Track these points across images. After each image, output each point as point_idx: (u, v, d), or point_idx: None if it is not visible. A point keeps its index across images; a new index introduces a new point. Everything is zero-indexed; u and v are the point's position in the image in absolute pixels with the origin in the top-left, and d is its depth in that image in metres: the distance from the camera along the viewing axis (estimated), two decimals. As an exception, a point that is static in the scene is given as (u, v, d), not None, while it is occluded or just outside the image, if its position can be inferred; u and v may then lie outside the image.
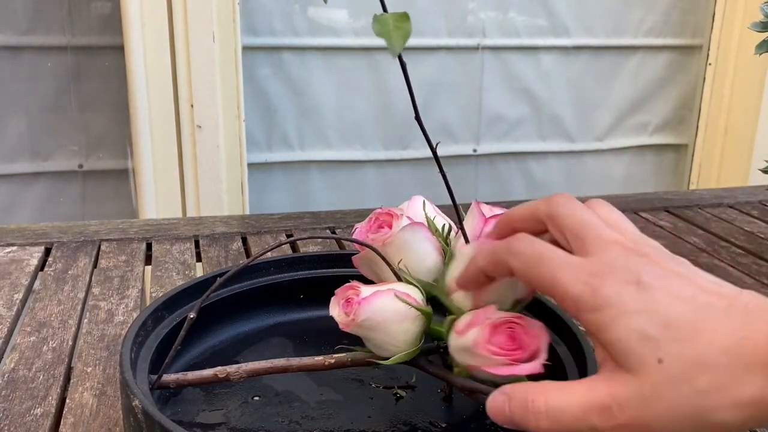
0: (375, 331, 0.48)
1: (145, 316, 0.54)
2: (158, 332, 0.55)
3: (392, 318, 0.48)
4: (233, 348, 0.61)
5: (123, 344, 0.51)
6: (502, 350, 0.45)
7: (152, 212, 1.51)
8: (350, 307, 0.48)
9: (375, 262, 0.53)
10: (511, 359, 0.44)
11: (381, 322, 0.48)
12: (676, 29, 1.93)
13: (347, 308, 0.48)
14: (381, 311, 0.48)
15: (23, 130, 1.53)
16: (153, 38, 1.42)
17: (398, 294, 0.49)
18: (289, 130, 1.71)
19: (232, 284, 0.62)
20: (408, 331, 0.49)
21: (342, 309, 0.49)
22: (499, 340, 0.45)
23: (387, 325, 0.48)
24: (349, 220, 1.00)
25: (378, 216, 0.53)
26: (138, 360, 0.52)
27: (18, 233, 0.91)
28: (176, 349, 0.50)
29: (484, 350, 0.45)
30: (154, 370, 0.51)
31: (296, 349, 0.62)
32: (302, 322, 0.65)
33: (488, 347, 0.45)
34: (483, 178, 1.88)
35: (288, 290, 0.65)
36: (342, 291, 0.50)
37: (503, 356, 0.44)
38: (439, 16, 1.74)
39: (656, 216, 1.05)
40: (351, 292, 0.49)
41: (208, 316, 0.59)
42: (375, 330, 0.48)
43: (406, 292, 0.49)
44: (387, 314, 0.48)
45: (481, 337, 0.45)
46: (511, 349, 0.45)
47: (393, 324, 0.48)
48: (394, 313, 0.48)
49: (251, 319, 0.64)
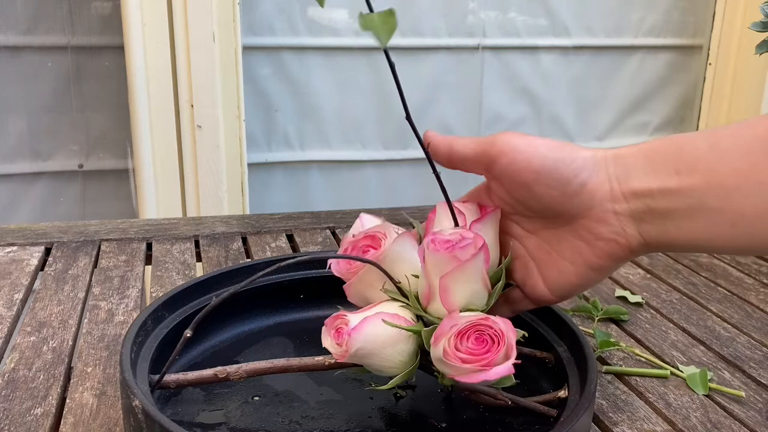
0: (370, 357, 0.48)
1: (145, 316, 0.54)
2: (158, 332, 0.55)
3: (385, 342, 0.48)
4: (233, 348, 0.61)
5: (123, 344, 0.51)
6: (472, 356, 0.45)
7: (152, 212, 1.51)
8: (341, 337, 0.48)
9: (369, 285, 0.52)
10: (481, 365, 0.44)
11: (374, 349, 0.48)
12: (677, 29, 1.93)
13: (338, 339, 0.48)
14: (372, 338, 0.48)
15: (23, 130, 1.53)
16: (153, 38, 1.42)
17: (385, 318, 0.48)
18: (289, 130, 1.71)
19: (233, 285, 0.62)
20: (403, 352, 0.49)
21: (333, 340, 0.48)
22: (467, 346, 0.45)
23: (381, 350, 0.48)
24: (349, 220, 1.00)
25: (355, 244, 0.53)
26: (138, 360, 0.52)
27: (18, 233, 0.91)
28: (173, 359, 0.50)
29: (454, 359, 0.45)
30: (154, 370, 0.51)
31: (296, 349, 0.62)
32: (302, 322, 0.65)
33: (457, 355, 0.45)
34: (483, 178, 1.88)
35: (288, 290, 0.65)
36: (331, 321, 0.49)
37: (473, 363, 0.44)
38: (439, 16, 1.73)
39: (656, 216, 1.05)
40: (339, 321, 0.49)
41: (208, 316, 0.59)
42: (370, 356, 0.48)
43: (395, 312, 0.49)
44: (379, 340, 0.48)
45: (449, 346, 0.46)
46: (481, 353, 0.45)
47: (387, 347, 0.48)
48: (386, 337, 0.48)
49: (251, 319, 0.64)
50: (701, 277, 0.86)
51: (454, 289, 0.48)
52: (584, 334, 0.55)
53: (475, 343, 0.45)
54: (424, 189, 1.80)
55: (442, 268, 0.47)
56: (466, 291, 0.48)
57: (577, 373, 0.53)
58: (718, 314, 0.77)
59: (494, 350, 0.45)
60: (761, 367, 0.66)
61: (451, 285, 0.48)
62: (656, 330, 0.72)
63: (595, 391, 0.49)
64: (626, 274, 0.86)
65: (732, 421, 0.57)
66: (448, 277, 0.47)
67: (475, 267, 0.48)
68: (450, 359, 0.45)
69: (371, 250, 0.52)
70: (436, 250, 0.48)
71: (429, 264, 0.48)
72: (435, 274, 0.48)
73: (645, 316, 0.76)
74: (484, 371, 0.44)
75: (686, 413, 0.58)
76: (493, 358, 0.45)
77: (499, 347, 0.45)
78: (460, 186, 0.57)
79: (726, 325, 0.74)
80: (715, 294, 0.82)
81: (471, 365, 0.45)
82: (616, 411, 0.58)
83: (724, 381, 0.64)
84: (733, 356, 0.68)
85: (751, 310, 0.78)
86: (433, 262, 0.48)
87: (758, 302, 0.80)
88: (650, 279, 0.85)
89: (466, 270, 0.48)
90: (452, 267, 0.47)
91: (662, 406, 0.59)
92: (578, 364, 0.54)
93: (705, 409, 0.59)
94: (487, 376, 0.44)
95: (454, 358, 0.45)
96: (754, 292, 0.83)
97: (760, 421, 0.58)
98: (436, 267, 0.48)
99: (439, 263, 0.48)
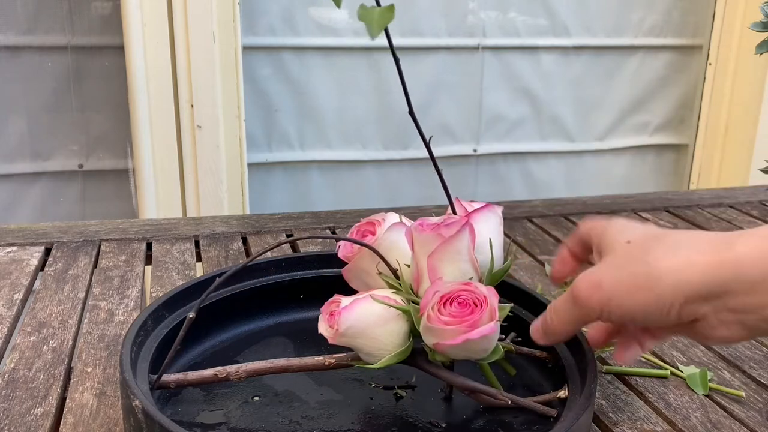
0: (361, 337, 0.49)
1: (145, 316, 0.54)
2: (158, 332, 0.55)
3: (375, 322, 0.49)
4: (233, 348, 0.61)
5: (123, 344, 0.51)
6: (455, 318, 0.46)
7: (152, 212, 1.51)
8: (334, 319, 0.49)
9: (365, 271, 0.53)
10: (465, 326, 0.45)
11: (365, 328, 0.49)
12: (677, 29, 1.93)
13: (331, 321, 0.49)
14: (363, 317, 0.48)
15: (23, 130, 1.53)
16: (153, 38, 1.42)
17: (375, 296, 0.49)
18: (289, 130, 1.71)
19: (233, 284, 0.62)
20: (393, 332, 0.49)
21: (327, 323, 0.50)
22: (450, 309, 0.46)
23: (371, 330, 0.49)
24: (349, 220, 1.00)
25: (358, 228, 0.55)
26: (138, 360, 0.52)
27: (18, 233, 0.91)
28: (176, 349, 0.50)
29: (437, 323, 0.46)
30: (154, 370, 0.51)
31: (296, 349, 0.62)
32: (302, 322, 0.65)
33: (441, 319, 0.46)
34: (483, 178, 1.88)
35: (288, 290, 0.65)
36: (326, 307, 0.51)
37: (456, 325, 0.45)
38: (440, 16, 1.74)
39: (656, 216, 1.05)
40: (333, 305, 0.50)
41: (208, 316, 0.59)
42: (361, 336, 0.49)
43: (386, 294, 0.50)
44: (369, 319, 0.49)
45: (433, 311, 0.47)
46: (465, 315, 0.46)
47: (377, 327, 0.49)
48: (377, 317, 0.49)
49: (251, 319, 0.64)
50: (701, 277, 0.86)
51: (442, 268, 0.49)
52: (584, 334, 0.55)
53: (459, 307, 0.46)
54: (424, 189, 1.80)
55: (429, 248, 0.49)
56: (455, 270, 0.49)
57: (577, 374, 0.53)
58: (718, 314, 0.77)
59: (477, 312, 0.46)
60: (761, 367, 0.66)
61: (438, 264, 0.49)
62: (656, 330, 0.72)
63: (595, 390, 0.49)
64: (626, 274, 0.86)
65: (732, 421, 0.57)
66: (434, 256, 0.49)
67: (461, 243, 0.49)
68: (434, 323, 0.46)
69: (369, 235, 0.54)
70: (422, 230, 0.49)
71: (417, 246, 0.50)
72: (422, 254, 0.49)
73: (645, 316, 0.76)
74: (467, 332, 0.45)
75: (686, 413, 0.58)
76: (477, 320, 0.46)
77: (482, 310, 0.46)
78: (462, 185, 0.58)
79: (726, 325, 0.74)
80: (715, 294, 0.82)
81: (454, 327, 0.46)
82: (616, 411, 0.58)
83: (724, 381, 0.64)
84: (733, 356, 0.68)
85: (751, 310, 0.78)
86: (420, 242, 0.50)
87: (758, 302, 0.80)
88: (650, 279, 0.85)
89: (452, 247, 0.49)
90: (437, 244, 0.48)
91: (662, 406, 0.59)
92: (578, 364, 0.54)
93: (705, 409, 0.59)
94: (470, 335, 0.45)
95: (437, 321, 0.46)
96: (754, 292, 0.82)
97: (760, 421, 0.58)
98: (423, 247, 0.49)
99: (426, 242, 0.49)
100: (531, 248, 0.92)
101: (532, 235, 0.97)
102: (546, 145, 1.92)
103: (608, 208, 1.07)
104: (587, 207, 1.08)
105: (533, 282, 0.82)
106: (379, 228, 0.54)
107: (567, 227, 1.00)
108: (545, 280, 0.83)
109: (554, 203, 1.11)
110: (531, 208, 1.09)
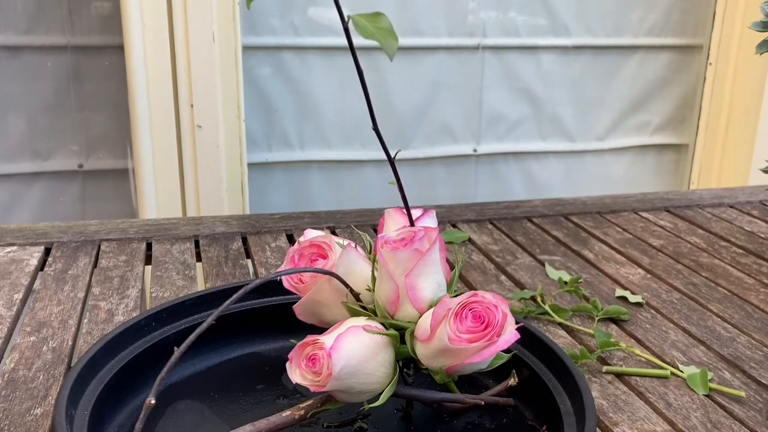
0: (355, 376, 0.45)
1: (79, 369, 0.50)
2: (101, 377, 0.51)
3: (366, 355, 0.45)
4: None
5: (55, 407, 0.46)
6: (475, 334, 0.44)
7: (152, 212, 1.51)
8: (319, 363, 0.44)
9: (318, 303, 0.49)
10: (488, 339, 0.44)
11: (358, 365, 0.45)
12: (677, 29, 1.93)
13: (315, 367, 0.44)
14: (353, 353, 0.44)
15: (23, 130, 1.53)
16: (153, 38, 1.42)
17: (366, 327, 0.46)
18: (289, 130, 1.71)
19: (161, 328, 0.57)
20: (385, 362, 0.46)
21: (309, 370, 0.44)
22: (467, 324, 0.45)
23: (365, 365, 0.45)
24: (349, 220, 1.00)
25: (301, 252, 0.51)
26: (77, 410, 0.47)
27: (18, 233, 0.91)
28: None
29: (459, 343, 0.44)
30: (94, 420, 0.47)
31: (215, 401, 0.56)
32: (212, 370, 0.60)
33: (462, 337, 0.44)
34: (483, 177, 1.88)
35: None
36: (298, 352, 0.45)
37: (479, 341, 0.44)
38: (439, 16, 1.73)
39: (656, 216, 1.05)
40: (310, 348, 0.45)
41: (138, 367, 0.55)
42: (355, 375, 0.45)
43: (367, 324, 0.46)
44: (360, 354, 0.45)
45: (451, 330, 0.44)
46: (482, 329, 0.44)
47: (370, 361, 0.45)
48: (366, 350, 0.45)
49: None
50: (701, 277, 0.86)
51: (421, 285, 0.47)
52: (570, 359, 0.54)
53: (473, 320, 0.45)
54: (424, 189, 1.80)
55: (407, 265, 0.47)
56: (432, 284, 0.48)
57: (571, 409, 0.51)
58: (719, 314, 0.77)
59: (493, 322, 0.44)
60: (761, 367, 0.66)
61: (417, 282, 0.47)
62: (656, 330, 0.72)
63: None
64: (626, 274, 0.86)
65: (732, 421, 0.57)
66: (412, 274, 0.47)
67: (435, 256, 0.48)
68: (457, 343, 0.44)
69: (320, 259, 0.50)
70: (396, 249, 0.47)
71: (392, 265, 0.47)
72: (400, 273, 0.47)
73: (645, 316, 0.76)
74: (492, 344, 0.44)
75: (686, 413, 0.58)
76: (496, 330, 0.44)
77: (497, 318, 0.44)
78: (462, 185, 0.57)
79: (726, 325, 0.74)
80: (716, 294, 0.82)
81: (479, 343, 0.44)
82: (616, 411, 0.58)
83: (724, 381, 0.63)
84: (734, 356, 0.68)
85: (751, 310, 0.78)
86: (395, 262, 0.47)
87: (758, 302, 0.80)
88: (650, 279, 0.85)
89: (430, 261, 0.47)
90: (416, 261, 0.47)
91: (662, 406, 0.59)
92: (577, 414, 0.50)
93: (705, 409, 0.59)
94: (496, 348, 0.44)
95: (459, 341, 0.44)
96: (755, 292, 0.82)
97: (760, 421, 0.58)
98: (400, 266, 0.47)
99: (403, 261, 0.47)
100: (531, 248, 0.92)
101: (532, 235, 0.97)
102: (546, 145, 1.92)
103: (608, 208, 1.07)
104: (587, 207, 1.08)
105: (533, 282, 0.82)
106: (330, 251, 0.50)
107: (567, 227, 1.00)
108: (545, 280, 0.83)
109: (554, 203, 1.11)
110: (531, 208, 1.09)
